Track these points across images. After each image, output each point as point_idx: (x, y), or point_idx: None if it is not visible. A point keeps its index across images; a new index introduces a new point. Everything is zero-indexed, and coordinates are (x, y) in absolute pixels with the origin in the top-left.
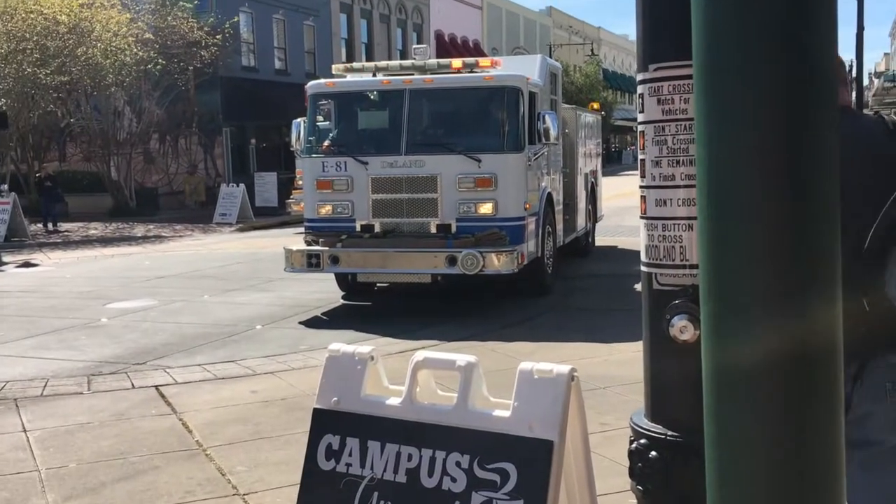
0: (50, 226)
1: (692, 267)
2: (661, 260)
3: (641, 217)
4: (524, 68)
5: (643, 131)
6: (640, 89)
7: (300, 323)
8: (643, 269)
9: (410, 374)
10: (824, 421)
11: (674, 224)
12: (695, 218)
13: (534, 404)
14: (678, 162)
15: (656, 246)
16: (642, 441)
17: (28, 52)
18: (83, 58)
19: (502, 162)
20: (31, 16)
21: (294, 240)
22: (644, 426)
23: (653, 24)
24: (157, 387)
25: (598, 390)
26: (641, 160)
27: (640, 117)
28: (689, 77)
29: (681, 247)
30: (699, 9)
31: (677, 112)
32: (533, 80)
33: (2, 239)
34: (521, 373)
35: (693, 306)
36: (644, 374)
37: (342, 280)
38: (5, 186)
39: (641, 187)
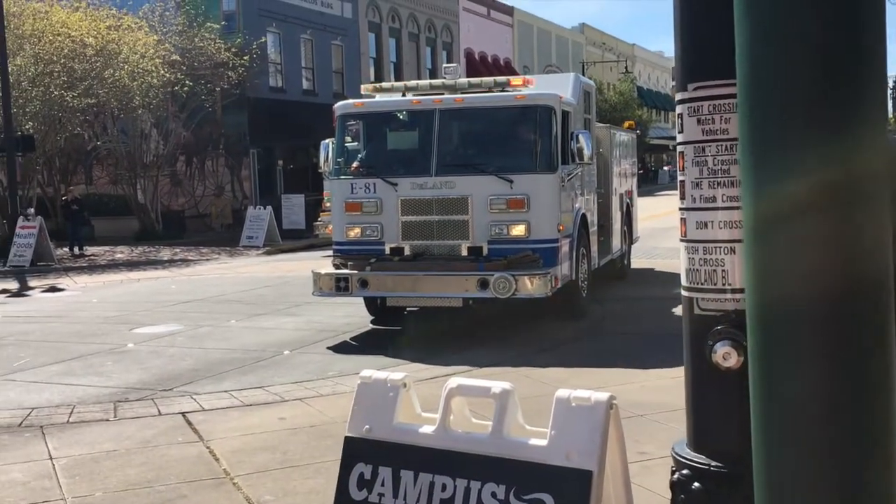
0: (76, 250)
1: (735, 291)
2: (702, 284)
3: (681, 240)
4: (557, 87)
5: (682, 152)
6: (678, 109)
7: (328, 348)
8: (683, 293)
9: (444, 402)
10: (884, 478)
11: (715, 247)
12: (737, 241)
13: (572, 433)
14: (719, 183)
15: (697, 269)
16: (685, 472)
17: (55, 75)
18: (110, 80)
19: (535, 182)
20: (59, 38)
21: (322, 263)
22: (687, 456)
23: (692, 43)
24: (183, 413)
25: (635, 417)
26: (681, 181)
27: (680, 137)
28: (731, 96)
29: (723, 270)
30: (743, 30)
31: (718, 132)
32: (566, 99)
33: (28, 263)
34: (558, 400)
35: (736, 332)
36: (686, 402)
37: (371, 304)
38: (31, 210)
39: (681, 209)
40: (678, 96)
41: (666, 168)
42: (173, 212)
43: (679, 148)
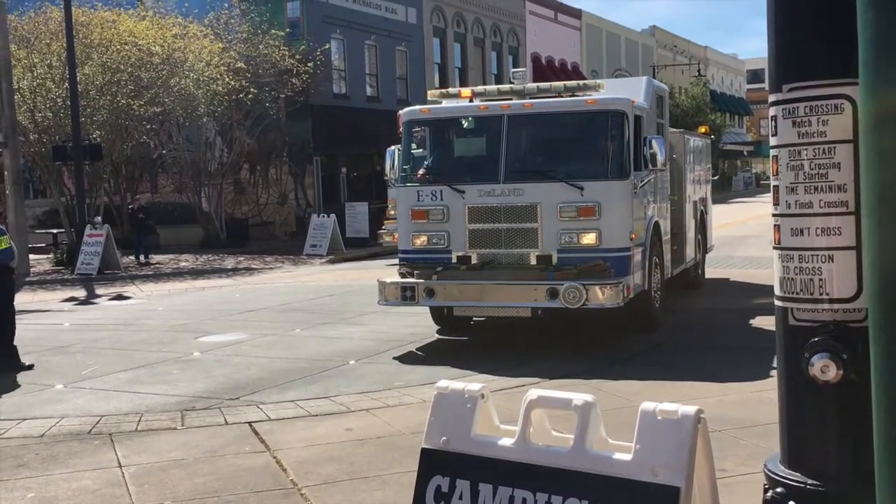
0: (142, 258)
1: (833, 301)
2: (797, 294)
3: (775, 247)
4: (629, 91)
5: (776, 155)
6: (772, 111)
7: (394, 358)
8: (777, 303)
9: (524, 414)
10: None
11: (811, 255)
12: (835, 248)
13: (657, 447)
14: (816, 188)
15: (792, 278)
16: (779, 490)
17: (122, 84)
18: (176, 88)
19: (606, 189)
20: (126, 47)
21: (387, 272)
22: (781, 473)
23: (788, 43)
24: (250, 423)
25: (712, 433)
26: (775, 186)
27: (773, 140)
28: (828, 98)
29: (820, 279)
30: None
31: (815, 135)
32: (638, 103)
33: (95, 272)
34: (643, 413)
35: (835, 344)
36: (780, 417)
37: (437, 314)
38: (99, 218)
39: (775, 215)
40: (771, 98)
41: (741, 174)
42: (237, 220)
43: (772, 151)
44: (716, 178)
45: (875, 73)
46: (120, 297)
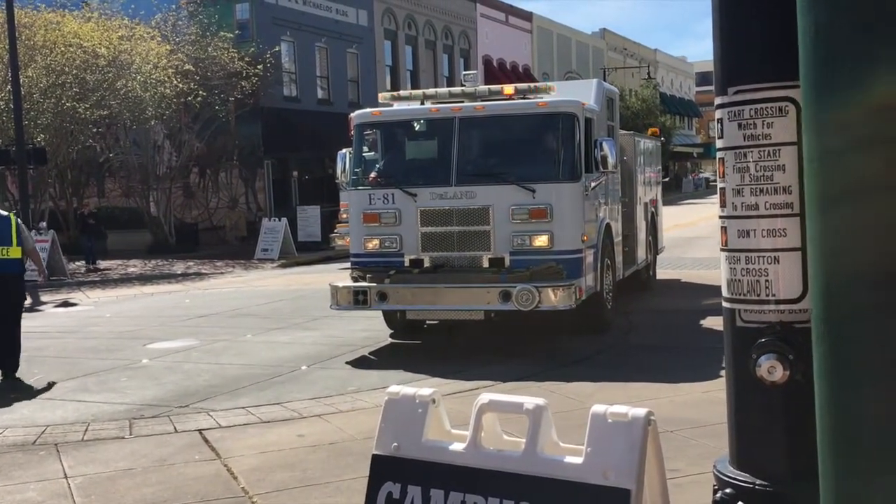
0: (91, 264)
1: (780, 302)
2: (744, 295)
3: (722, 249)
4: (579, 93)
5: (723, 158)
6: (718, 114)
7: (347, 363)
8: (725, 304)
9: (475, 418)
10: None
11: (758, 256)
12: (781, 250)
13: (609, 450)
14: (761, 190)
15: (739, 280)
16: (728, 490)
17: (67, 87)
18: (123, 91)
19: (558, 192)
20: (71, 49)
21: (339, 276)
22: (729, 474)
23: (733, 45)
24: (200, 431)
25: (664, 434)
26: (721, 188)
27: (719, 143)
28: (773, 100)
29: (766, 280)
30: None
31: (760, 137)
32: (589, 106)
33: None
34: (594, 416)
35: (782, 345)
36: (728, 418)
37: (390, 318)
38: (44, 224)
39: (721, 217)
40: (717, 100)
41: (691, 176)
42: (187, 224)
43: (719, 154)
44: (666, 179)
45: (815, 74)
46: (66, 304)
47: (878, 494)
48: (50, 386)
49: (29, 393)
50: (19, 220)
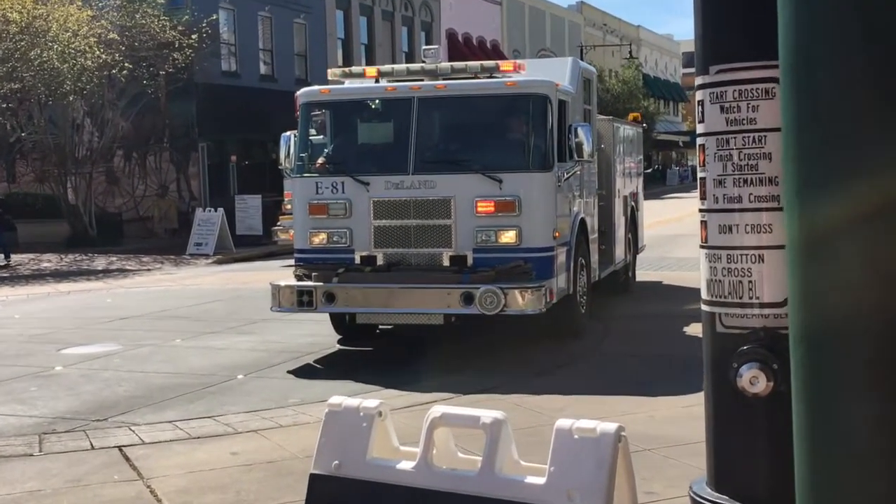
0: (2, 258)
1: (764, 306)
2: (725, 297)
3: (702, 246)
4: (553, 73)
5: (703, 144)
6: (699, 95)
7: (289, 372)
8: (704, 307)
9: (426, 433)
10: None
11: (741, 255)
12: (766, 247)
13: (574, 469)
14: (746, 181)
15: (720, 280)
16: None
17: None
18: (37, 62)
19: (527, 182)
20: None
21: (282, 274)
22: (707, 496)
23: (716, 19)
24: (120, 447)
25: (642, 452)
26: (702, 178)
27: (700, 128)
28: (760, 81)
29: (749, 281)
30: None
31: (744, 122)
32: (563, 87)
33: None
34: (559, 431)
35: (766, 353)
36: (706, 434)
37: (339, 321)
38: None
39: (702, 210)
40: (698, 80)
41: (676, 168)
42: (109, 214)
43: (699, 140)
44: (648, 170)
45: (799, 58)
46: None
47: None
48: None
49: None
50: None
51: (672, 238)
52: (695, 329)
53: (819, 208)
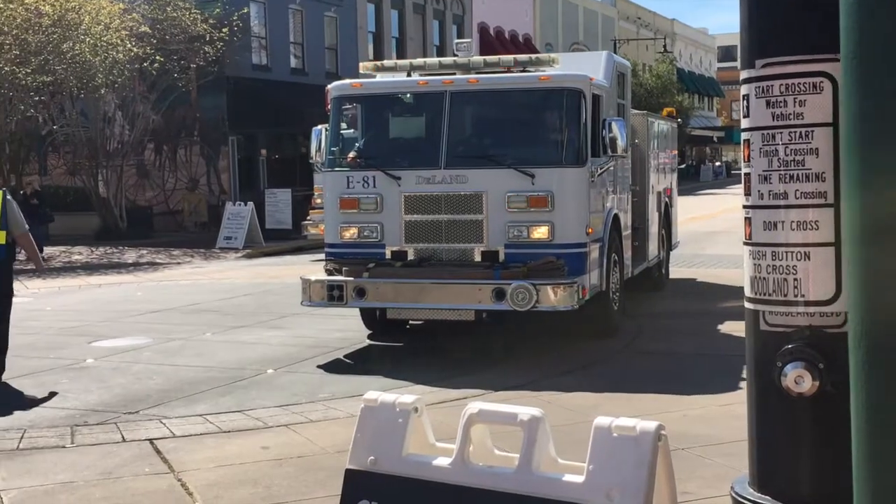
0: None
1: (809, 304)
2: (769, 295)
3: (745, 243)
4: (587, 67)
5: (748, 139)
6: (744, 89)
7: (319, 367)
8: (747, 305)
9: (462, 430)
10: None
11: (786, 251)
12: (812, 244)
13: (613, 468)
14: (792, 177)
15: (764, 278)
16: None
17: (6, 48)
18: (69, 55)
19: (560, 177)
20: (11, 6)
21: (312, 268)
22: (748, 496)
23: (763, 11)
24: (151, 440)
25: (675, 451)
26: (746, 174)
27: (745, 123)
28: (808, 74)
29: (795, 279)
30: None
31: (791, 117)
32: (597, 81)
33: None
34: (597, 430)
35: (811, 352)
36: (748, 434)
37: (369, 316)
38: None
39: (745, 207)
40: (743, 74)
41: (711, 164)
42: (140, 207)
43: (744, 135)
44: (682, 166)
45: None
46: None
47: None
48: None
49: None
50: (9, 197)
51: (706, 235)
52: (729, 327)
53: (886, 197)
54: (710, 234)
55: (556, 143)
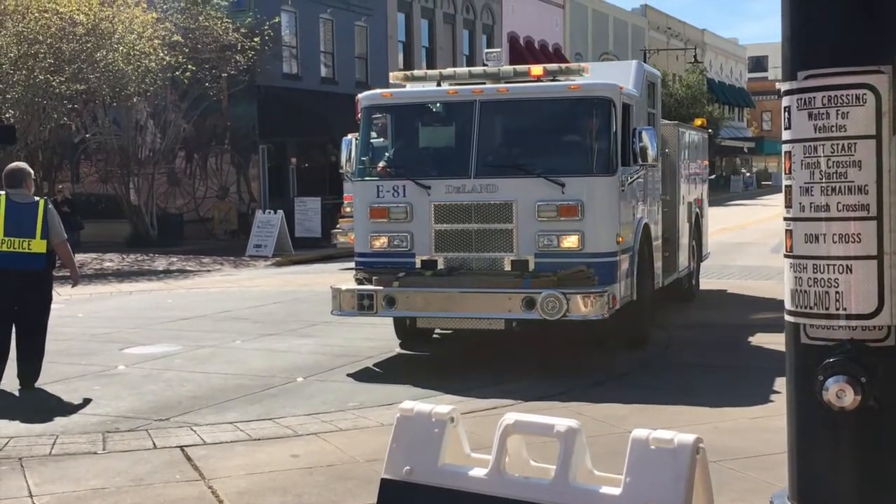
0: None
1: (851, 317)
2: (811, 308)
3: (786, 255)
4: (617, 76)
5: (789, 151)
6: (785, 101)
7: (349, 375)
8: (788, 318)
9: (499, 440)
10: None
11: (827, 265)
12: (854, 257)
13: (651, 481)
14: (833, 189)
15: (805, 291)
16: None
17: (41, 57)
18: (102, 63)
19: (590, 187)
20: (46, 15)
21: (342, 277)
22: None
23: (805, 21)
24: (182, 447)
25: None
26: (787, 186)
27: (786, 135)
28: (852, 87)
29: (836, 292)
30: None
31: (833, 129)
32: (627, 90)
33: None
34: (635, 442)
35: (853, 366)
36: (788, 447)
37: (399, 325)
38: None
39: (787, 219)
40: (785, 86)
41: (742, 174)
42: (171, 215)
43: (785, 147)
44: (713, 177)
45: None
46: None
47: None
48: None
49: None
50: (50, 206)
51: (736, 246)
52: (760, 339)
53: None
54: (740, 245)
55: (586, 151)
